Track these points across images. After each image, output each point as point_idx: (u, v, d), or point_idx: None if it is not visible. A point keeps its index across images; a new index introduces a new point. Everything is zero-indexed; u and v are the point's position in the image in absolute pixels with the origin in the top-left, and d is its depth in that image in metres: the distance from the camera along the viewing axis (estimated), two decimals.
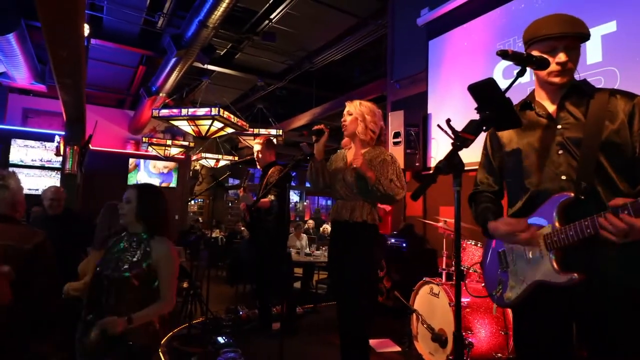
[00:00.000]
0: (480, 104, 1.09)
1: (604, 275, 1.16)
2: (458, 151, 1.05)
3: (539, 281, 1.24)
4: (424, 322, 2.86)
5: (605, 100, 1.23)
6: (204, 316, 3.47)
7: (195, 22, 4.81)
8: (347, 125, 2.26)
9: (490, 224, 1.34)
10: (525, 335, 1.37)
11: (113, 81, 8.67)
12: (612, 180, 1.20)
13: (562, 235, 1.17)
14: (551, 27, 1.25)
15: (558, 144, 1.26)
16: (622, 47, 2.83)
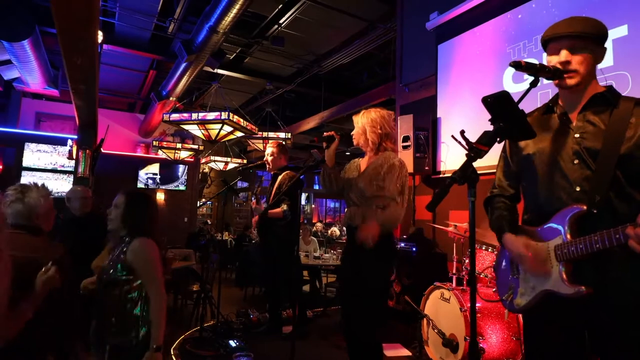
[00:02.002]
0: (493, 116, 1.10)
1: (613, 289, 1.16)
2: (472, 162, 1.06)
3: (547, 290, 1.25)
4: (434, 327, 2.86)
5: (630, 110, 1.20)
6: (215, 319, 3.51)
7: (206, 27, 4.88)
8: (354, 138, 2.36)
9: (507, 237, 1.33)
10: (534, 342, 1.37)
11: (124, 85, 8.80)
12: (628, 194, 1.18)
13: (572, 248, 1.17)
14: (558, 27, 1.24)
15: (575, 152, 1.24)
16: (633, 51, 2.81)
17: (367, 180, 2.23)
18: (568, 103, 1.32)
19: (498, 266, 1.51)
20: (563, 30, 1.23)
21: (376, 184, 2.22)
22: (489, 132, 1.10)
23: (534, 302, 1.28)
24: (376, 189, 2.22)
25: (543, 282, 1.25)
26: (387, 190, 2.18)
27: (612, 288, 1.16)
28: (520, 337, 2.61)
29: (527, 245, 1.26)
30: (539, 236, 1.30)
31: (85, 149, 6.22)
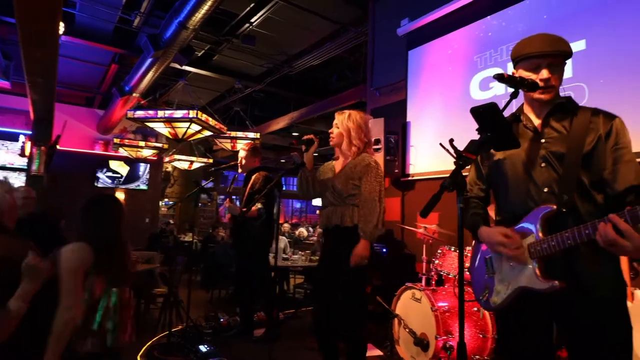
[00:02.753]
0: (481, 126, 1.15)
1: (581, 283, 1.25)
2: (461, 170, 1.10)
3: (522, 287, 1.32)
4: (406, 326, 2.93)
5: (588, 118, 1.31)
6: (183, 324, 3.41)
7: (175, 23, 4.72)
8: (333, 137, 2.35)
9: (483, 229, 1.40)
10: (510, 338, 1.45)
11: (83, 79, 8.35)
12: (590, 194, 1.28)
13: (545, 245, 1.25)
14: (535, 46, 1.33)
15: (542, 157, 1.33)
16: (590, 64, 3.03)
17: (344, 179, 2.28)
18: (534, 111, 1.42)
19: (472, 267, 1.58)
20: (544, 49, 1.31)
21: (352, 183, 2.27)
22: (477, 140, 1.15)
23: (510, 300, 1.35)
24: (352, 187, 2.27)
25: (518, 279, 1.32)
26: (365, 191, 2.23)
27: (580, 282, 1.25)
28: (487, 334, 2.74)
29: (504, 233, 1.32)
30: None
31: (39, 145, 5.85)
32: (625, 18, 2.85)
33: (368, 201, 2.22)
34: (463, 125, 3.79)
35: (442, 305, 2.77)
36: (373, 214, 2.19)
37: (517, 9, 3.55)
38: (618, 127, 1.30)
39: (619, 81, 2.85)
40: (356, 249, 2.17)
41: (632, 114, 2.74)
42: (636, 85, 2.76)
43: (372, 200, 2.21)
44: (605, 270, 1.26)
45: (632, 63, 2.79)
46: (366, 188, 2.24)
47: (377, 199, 2.23)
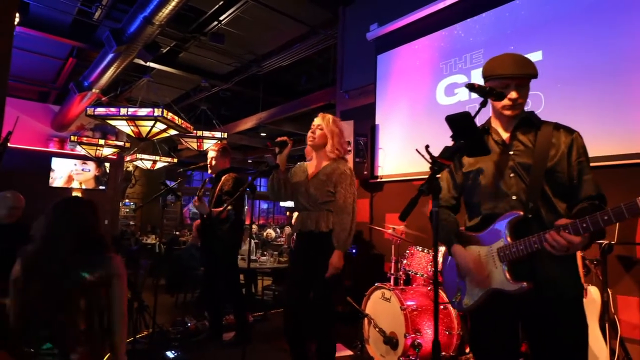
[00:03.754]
0: (455, 133, 1.20)
1: (544, 284, 1.35)
2: (436, 175, 1.15)
3: (493, 289, 1.41)
4: (375, 325, 2.99)
5: (550, 132, 1.43)
6: (148, 329, 3.30)
7: (140, 17, 4.56)
8: (315, 139, 2.34)
9: (457, 249, 1.49)
10: (481, 337, 1.53)
11: (37, 72, 7.86)
12: (552, 203, 1.39)
13: (514, 249, 1.35)
14: (505, 67, 1.42)
15: (510, 168, 1.44)
16: (547, 75, 3.21)
17: (319, 186, 2.29)
18: (502, 125, 1.52)
19: (444, 269, 1.65)
20: (514, 71, 1.41)
21: (327, 190, 2.28)
22: (451, 147, 1.20)
23: (481, 301, 1.43)
24: (327, 194, 2.28)
25: (490, 282, 1.41)
26: (340, 199, 2.26)
27: (544, 283, 1.35)
28: (453, 330, 2.85)
29: (475, 262, 1.43)
30: (481, 241, 1.47)
31: None
32: (579, 31, 3.06)
33: (343, 211, 2.25)
34: (429, 129, 3.92)
35: (410, 304, 2.85)
36: (347, 224, 2.23)
37: (480, 19, 3.71)
38: (578, 141, 1.43)
39: (573, 90, 3.05)
40: (331, 260, 2.21)
41: (585, 122, 2.94)
42: (589, 95, 2.97)
43: (347, 209, 2.25)
44: (564, 271, 1.37)
45: (585, 73, 3.00)
46: (341, 197, 2.27)
47: (351, 208, 2.27)
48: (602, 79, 2.91)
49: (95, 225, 1.71)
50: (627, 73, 2.79)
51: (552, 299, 1.35)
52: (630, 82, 2.77)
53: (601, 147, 2.87)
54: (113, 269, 1.63)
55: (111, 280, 1.62)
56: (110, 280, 1.63)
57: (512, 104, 1.43)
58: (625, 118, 2.79)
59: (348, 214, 2.25)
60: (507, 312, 1.41)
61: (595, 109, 2.92)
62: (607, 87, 2.88)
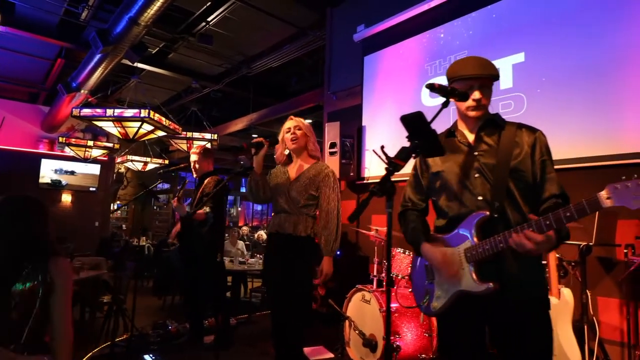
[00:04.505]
0: (410, 133, 1.19)
1: (510, 284, 1.33)
2: (391, 175, 1.13)
3: (460, 290, 1.39)
4: (356, 328, 2.97)
5: (513, 132, 1.43)
6: (128, 332, 3.27)
7: (125, 18, 4.53)
8: (298, 139, 2.31)
9: (425, 246, 1.47)
10: (449, 339, 1.52)
11: (25, 73, 7.81)
12: (518, 202, 1.39)
13: (480, 249, 1.33)
14: (468, 69, 1.43)
15: (475, 168, 1.43)
16: (529, 76, 3.22)
17: (301, 188, 2.26)
18: (467, 127, 1.52)
19: (413, 273, 1.64)
20: (477, 72, 1.42)
21: (310, 193, 2.26)
22: (406, 147, 1.19)
23: (449, 304, 1.42)
24: (309, 197, 2.26)
25: (456, 283, 1.39)
26: (324, 202, 2.24)
27: (509, 284, 1.33)
28: (432, 333, 2.83)
29: (444, 256, 1.41)
30: (449, 242, 1.45)
31: None
32: (561, 33, 3.06)
33: (329, 214, 2.23)
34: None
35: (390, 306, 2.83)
36: (334, 228, 2.21)
37: (464, 21, 3.71)
38: (541, 140, 1.42)
39: (554, 92, 3.05)
40: (322, 266, 2.20)
41: (568, 123, 2.95)
42: (570, 96, 2.96)
43: (333, 213, 2.23)
44: (529, 272, 1.36)
45: (567, 75, 3.00)
46: (326, 201, 2.24)
47: (336, 212, 2.25)
48: (583, 80, 2.91)
49: (37, 228, 1.58)
50: (608, 74, 2.79)
51: (517, 300, 1.34)
52: (612, 82, 2.77)
53: (583, 148, 2.87)
54: (52, 277, 1.50)
55: (51, 289, 1.49)
56: (50, 289, 1.49)
57: (476, 104, 1.43)
58: (607, 119, 2.79)
59: (334, 218, 2.22)
60: (474, 314, 1.40)
61: (578, 110, 2.92)
62: (588, 88, 2.88)
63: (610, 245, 2.73)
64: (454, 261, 1.40)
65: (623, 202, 1.05)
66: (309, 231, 2.24)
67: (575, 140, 2.92)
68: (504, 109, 3.31)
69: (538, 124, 3.17)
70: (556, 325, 2.13)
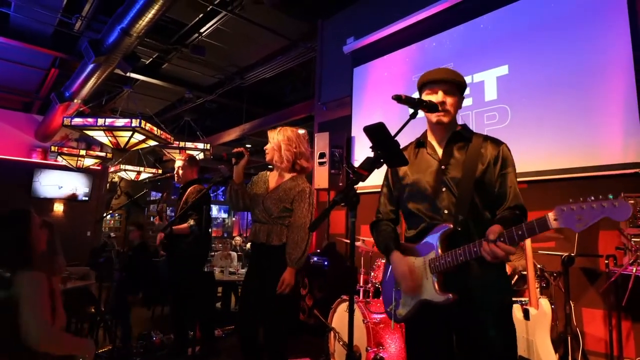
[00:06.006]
0: (374, 144, 1.21)
1: (471, 295, 1.36)
2: (354, 185, 1.14)
3: (423, 300, 1.42)
4: (339, 339, 2.95)
5: (479, 144, 1.46)
6: (111, 344, 3.23)
7: (117, 29, 4.58)
8: (267, 153, 2.37)
9: (396, 255, 1.48)
10: (414, 347, 1.54)
11: (19, 82, 7.84)
12: (481, 214, 1.41)
13: (442, 261, 1.36)
14: (433, 74, 1.49)
15: (443, 182, 1.45)
16: (512, 88, 3.27)
17: (276, 201, 2.27)
18: (436, 138, 1.55)
19: (383, 280, 1.65)
20: (441, 76, 1.47)
21: (283, 206, 2.27)
22: (370, 158, 1.20)
23: (414, 311, 1.44)
24: (282, 210, 2.27)
25: (418, 294, 1.42)
26: (296, 216, 2.24)
27: (471, 294, 1.36)
28: None
29: (410, 267, 1.43)
30: (417, 252, 1.46)
31: None
32: (543, 46, 3.12)
33: (299, 229, 2.23)
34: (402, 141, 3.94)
35: (374, 317, 2.82)
36: (302, 243, 2.21)
37: (450, 34, 3.77)
38: (504, 152, 1.45)
39: (538, 103, 3.10)
40: (284, 276, 2.19)
41: (551, 134, 2.99)
42: (554, 108, 3.00)
43: (303, 228, 2.23)
44: (491, 283, 1.38)
45: (549, 87, 3.05)
46: (298, 215, 2.25)
47: (307, 227, 2.25)
48: (565, 92, 2.96)
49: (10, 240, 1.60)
50: (590, 87, 2.84)
51: (478, 306, 1.36)
52: (595, 93, 2.81)
53: (566, 159, 2.90)
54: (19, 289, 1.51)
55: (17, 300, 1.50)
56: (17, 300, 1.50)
57: (441, 108, 1.45)
58: (588, 131, 2.82)
59: (304, 232, 2.22)
60: (437, 322, 1.42)
61: (560, 122, 2.96)
62: (571, 101, 2.92)
63: (593, 255, 2.74)
64: (417, 275, 1.42)
65: (568, 225, 1.07)
66: (283, 240, 2.24)
67: (558, 152, 2.95)
68: (488, 120, 3.35)
69: (522, 135, 3.22)
70: (534, 335, 2.12)
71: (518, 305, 2.30)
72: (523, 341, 2.16)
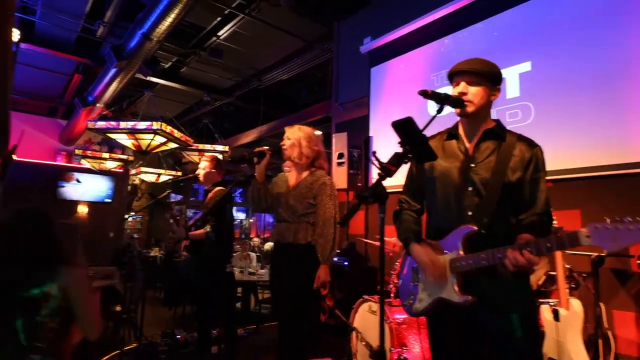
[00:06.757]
0: (402, 139, 1.19)
1: (494, 299, 1.34)
2: (382, 181, 1.14)
3: (441, 298, 1.40)
4: (362, 339, 2.94)
5: (513, 144, 1.41)
6: (137, 341, 3.29)
7: (138, 34, 4.69)
8: (286, 149, 2.35)
9: (414, 247, 1.46)
10: (434, 341, 1.54)
11: (45, 88, 8.09)
12: (507, 218, 1.38)
13: (464, 263, 1.34)
14: (457, 66, 1.45)
15: (470, 181, 1.41)
16: (536, 84, 3.19)
17: (299, 197, 2.27)
18: (466, 133, 1.50)
19: (401, 273, 1.64)
20: (463, 67, 1.44)
21: (307, 202, 2.27)
22: (398, 153, 1.19)
23: (430, 308, 1.43)
24: (307, 206, 2.27)
25: (438, 290, 1.40)
26: (321, 210, 2.24)
27: (492, 298, 1.34)
28: None
29: (430, 257, 1.41)
30: (440, 248, 1.44)
31: None
32: (567, 42, 3.04)
33: (325, 223, 2.22)
34: None
35: (397, 318, 2.79)
36: (330, 237, 2.20)
37: (470, 31, 3.72)
38: (538, 155, 1.40)
39: (562, 100, 3.02)
40: (318, 274, 2.18)
41: (576, 132, 2.91)
42: (577, 104, 2.93)
43: (329, 222, 2.23)
44: (514, 289, 1.35)
45: (574, 83, 2.97)
46: (322, 209, 2.25)
47: (333, 220, 2.25)
48: (590, 88, 2.87)
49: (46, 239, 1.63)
50: (617, 81, 2.75)
51: (501, 314, 1.33)
52: (621, 90, 2.72)
53: (592, 157, 2.82)
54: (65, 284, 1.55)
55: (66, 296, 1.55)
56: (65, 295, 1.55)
57: (461, 98, 1.42)
58: (616, 127, 2.74)
59: (331, 226, 2.22)
60: (454, 321, 1.41)
61: (586, 118, 2.88)
62: (596, 96, 2.84)
63: (624, 256, 2.65)
64: (439, 265, 1.39)
65: (600, 243, 1.04)
66: (309, 238, 2.24)
67: (585, 149, 2.87)
68: (510, 118, 3.28)
69: (545, 132, 3.15)
70: (565, 336, 2.07)
71: (547, 306, 2.24)
72: (553, 343, 2.10)
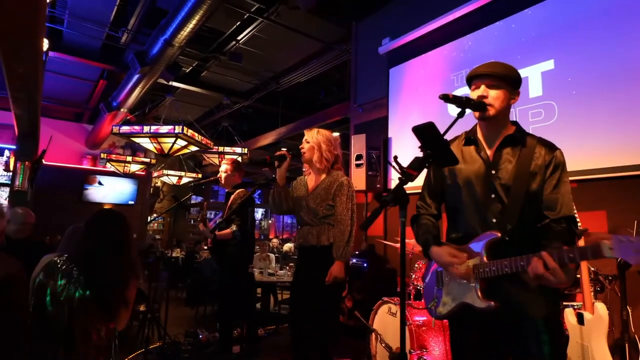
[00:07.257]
0: (423, 144, 1.20)
1: (517, 306, 1.33)
2: (404, 185, 1.15)
3: (464, 303, 1.41)
4: (382, 341, 2.93)
5: (533, 148, 1.40)
6: (161, 340, 3.38)
7: (161, 40, 4.81)
8: (305, 152, 2.38)
9: (433, 249, 1.46)
10: (455, 344, 1.55)
11: (71, 94, 8.40)
12: (530, 224, 1.36)
13: (487, 269, 1.33)
14: (477, 69, 1.44)
15: (492, 188, 1.41)
16: (559, 83, 3.13)
17: (319, 200, 2.30)
18: (485, 138, 1.49)
19: (425, 278, 1.65)
20: (483, 70, 1.43)
21: (327, 204, 2.29)
22: (419, 157, 1.20)
23: (454, 312, 1.43)
24: (327, 208, 2.30)
25: (462, 295, 1.41)
26: (338, 209, 2.26)
27: (515, 305, 1.33)
28: None
29: (452, 253, 1.40)
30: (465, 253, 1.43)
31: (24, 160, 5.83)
32: (592, 39, 2.97)
33: (341, 222, 2.25)
34: None
35: (417, 320, 2.79)
36: (345, 234, 2.22)
37: (489, 30, 3.67)
38: (559, 158, 1.38)
39: (585, 98, 2.95)
40: (332, 269, 2.21)
41: (601, 131, 2.84)
42: (604, 104, 2.86)
43: (345, 220, 2.25)
44: (539, 294, 1.32)
45: (597, 81, 2.90)
46: (338, 209, 2.28)
47: (349, 218, 2.27)
48: (617, 86, 2.80)
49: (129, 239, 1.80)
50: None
51: (524, 321, 1.32)
52: None
53: (618, 157, 2.75)
54: None
55: None
56: None
57: (481, 101, 1.41)
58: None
59: (346, 225, 2.24)
60: (476, 326, 1.41)
61: (611, 117, 2.81)
62: (622, 94, 2.76)
63: None
64: (462, 258, 1.39)
65: (624, 256, 1.03)
66: (331, 240, 2.27)
67: (610, 149, 2.80)
68: (533, 117, 3.23)
69: (569, 132, 3.08)
70: (590, 341, 2.03)
71: (570, 309, 2.20)
72: (577, 347, 2.06)
